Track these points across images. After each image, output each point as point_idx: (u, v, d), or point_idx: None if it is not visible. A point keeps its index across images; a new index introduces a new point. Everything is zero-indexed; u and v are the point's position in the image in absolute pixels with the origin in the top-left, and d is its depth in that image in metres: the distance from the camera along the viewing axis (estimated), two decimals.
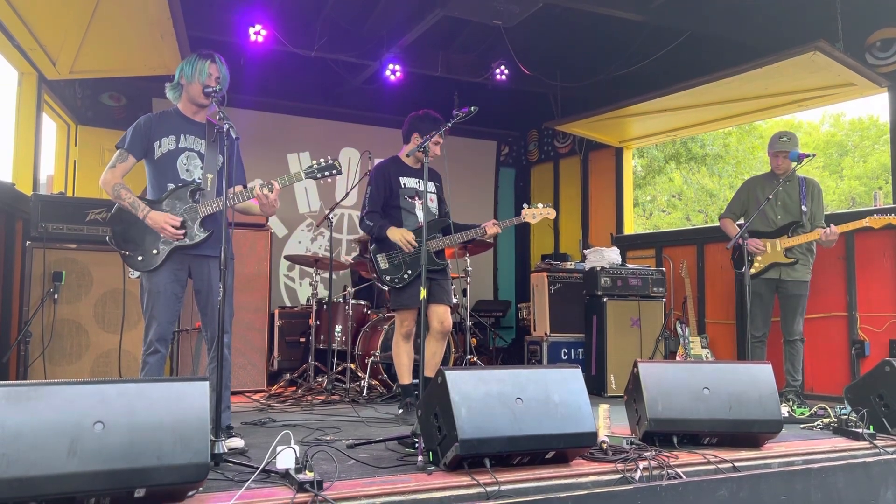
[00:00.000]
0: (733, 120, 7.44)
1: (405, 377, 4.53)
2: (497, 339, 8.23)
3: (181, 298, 3.45)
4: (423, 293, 3.60)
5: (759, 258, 5.11)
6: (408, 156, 4.54)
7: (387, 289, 4.55)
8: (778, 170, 5.14)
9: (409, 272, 4.37)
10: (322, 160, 3.51)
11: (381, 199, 4.49)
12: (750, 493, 2.97)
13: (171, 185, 3.43)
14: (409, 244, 4.35)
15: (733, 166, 18.52)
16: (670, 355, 6.16)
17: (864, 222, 4.86)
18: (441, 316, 4.45)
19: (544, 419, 2.83)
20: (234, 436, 3.33)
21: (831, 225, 4.92)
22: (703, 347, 6.22)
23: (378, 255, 4.42)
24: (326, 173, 3.49)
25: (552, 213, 4.57)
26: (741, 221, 5.34)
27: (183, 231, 3.35)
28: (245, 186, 3.55)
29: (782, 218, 5.12)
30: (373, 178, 4.54)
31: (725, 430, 3.35)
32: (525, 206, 4.54)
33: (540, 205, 4.53)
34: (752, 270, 5.09)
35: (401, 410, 4.52)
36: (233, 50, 6.54)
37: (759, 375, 3.45)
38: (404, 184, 4.52)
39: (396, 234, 4.38)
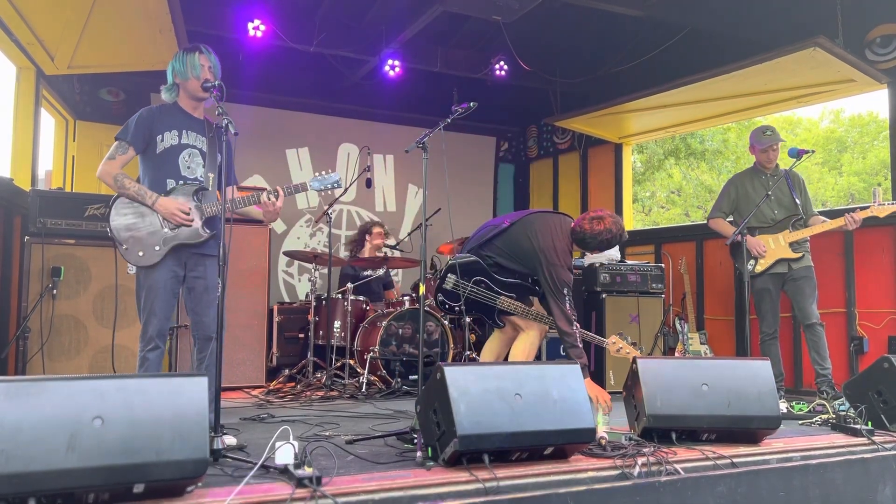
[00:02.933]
0: (733, 116, 7.43)
1: None
2: None
3: (178, 295, 3.44)
4: (422, 289, 3.60)
5: (763, 261, 5.04)
6: None
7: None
8: (769, 164, 5.12)
9: (463, 309, 4.23)
10: (324, 172, 3.62)
11: None
12: (748, 488, 2.98)
13: (171, 181, 3.40)
14: None
15: (732, 162, 18.54)
16: (669, 351, 6.16)
17: (869, 212, 4.78)
18: None
19: (543, 415, 2.83)
20: (225, 433, 3.31)
21: (857, 210, 4.82)
22: (701, 344, 6.23)
23: (451, 277, 4.25)
24: (329, 187, 3.59)
25: (632, 355, 4.20)
26: (730, 219, 5.32)
27: (192, 217, 3.34)
28: (237, 186, 3.57)
29: (779, 213, 5.09)
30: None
31: (724, 427, 3.35)
32: (618, 335, 4.30)
33: (627, 342, 4.30)
34: (759, 268, 5.03)
35: None
36: (231, 45, 6.53)
37: (757, 372, 3.45)
38: None
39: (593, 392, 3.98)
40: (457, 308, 4.25)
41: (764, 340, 5.10)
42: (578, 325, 4.21)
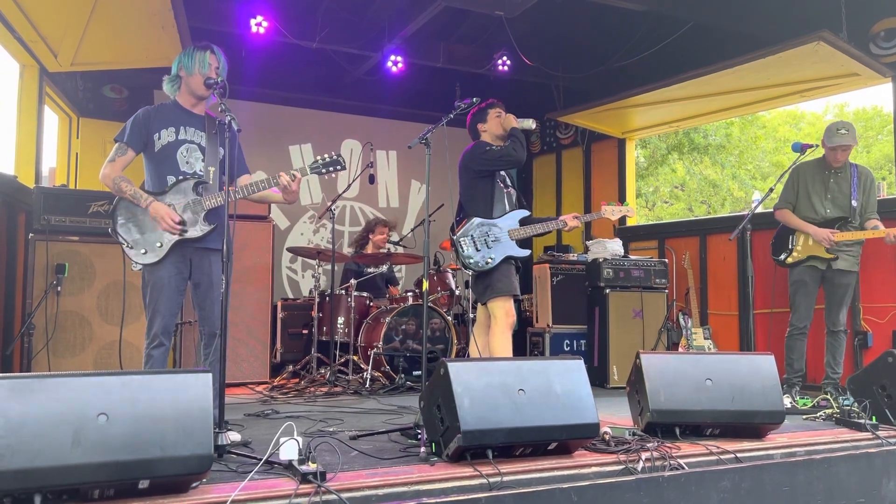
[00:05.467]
0: (736, 110, 7.41)
1: None
2: None
3: (183, 291, 3.45)
4: (426, 285, 3.60)
5: (798, 247, 4.98)
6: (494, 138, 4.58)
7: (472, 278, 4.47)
8: (836, 163, 4.92)
9: (493, 257, 4.32)
10: (326, 155, 3.54)
11: None
12: (752, 483, 2.98)
13: (171, 178, 3.41)
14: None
15: (736, 156, 18.47)
16: (673, 347, 6.16)
17: None
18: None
19: (547, 410, 2.83)
20: (229, 429, 3.32)
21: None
22: (705, 339, 6.23)
23: (462, 239, 4.34)
24: (331, 169, 3.53)
25: (631, 212, 4.64)
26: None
27: (181, 227, 3.34)
28: (249, 175, 3.61)
29: (831, 212, 4.93)
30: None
31: (728, 421, 3.35)
32: (604, 203, 4.62)
33: (617, 203, 4.63)
34: (790, 259, 4.99)
35: None
36: (234, 41, 6.53)
37: (761, 366, 3.45)
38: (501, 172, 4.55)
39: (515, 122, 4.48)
40: (490, 259, 4.31)
41: (792, 334, 5.01)
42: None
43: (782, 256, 5.05)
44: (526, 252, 4.45)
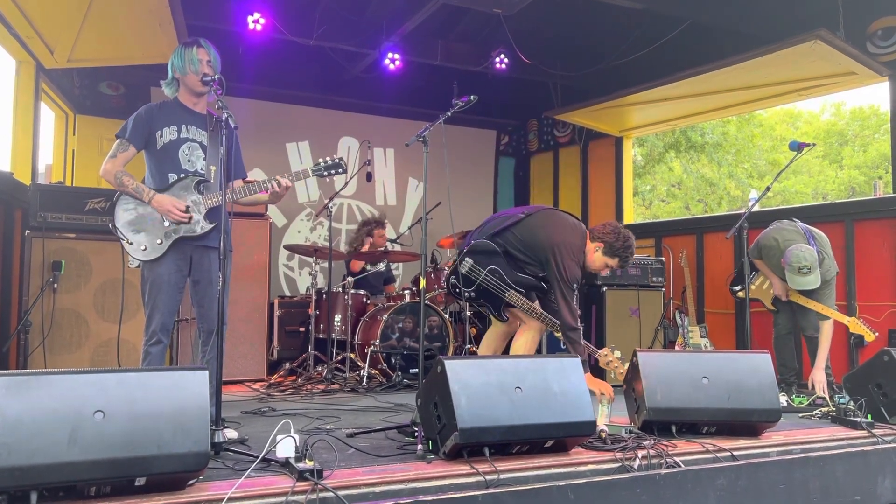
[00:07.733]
0: (734, 109, 7.42)
1: None
2: None
3: (182, 289, 3.45)
4: (423, 283, 3.60)
5: (752, 287, 5.15)
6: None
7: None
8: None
9: (476, 294, 4.22)
10: (329, 158, 3.58)
11: None
12: (748, 481, 2.98)
13: (172, 175, 3.41)
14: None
15: (733, 154, 18.51)
16: (669, 345, 6.17)
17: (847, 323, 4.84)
18: None
19: (543, 408, 2.83)
20: (226, 427, 3.32)
21: (817, 383, 4.74)
22: (701, 337, 6.23)
23: (468, 258, 4.19)
24: (332, 172, 3.58)
25: (620, 371, 4.00)
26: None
27: (189, 214, 3.34)
28: (245, 178, 3.59)
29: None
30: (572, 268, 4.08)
31: (724, 419, 3.36)
32: (610, 349, 4.17)
33: (618, 353, 4.15)
34: (741, 294, 5.06)
35: None
36: (231, 38, 6.52)
37: (758, 365, 3.46)
38: None
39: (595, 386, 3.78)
40: (466, 294, 4.20)
41: (780, 334, 5.10)
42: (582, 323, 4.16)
43: (737, 288, 5.19)
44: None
